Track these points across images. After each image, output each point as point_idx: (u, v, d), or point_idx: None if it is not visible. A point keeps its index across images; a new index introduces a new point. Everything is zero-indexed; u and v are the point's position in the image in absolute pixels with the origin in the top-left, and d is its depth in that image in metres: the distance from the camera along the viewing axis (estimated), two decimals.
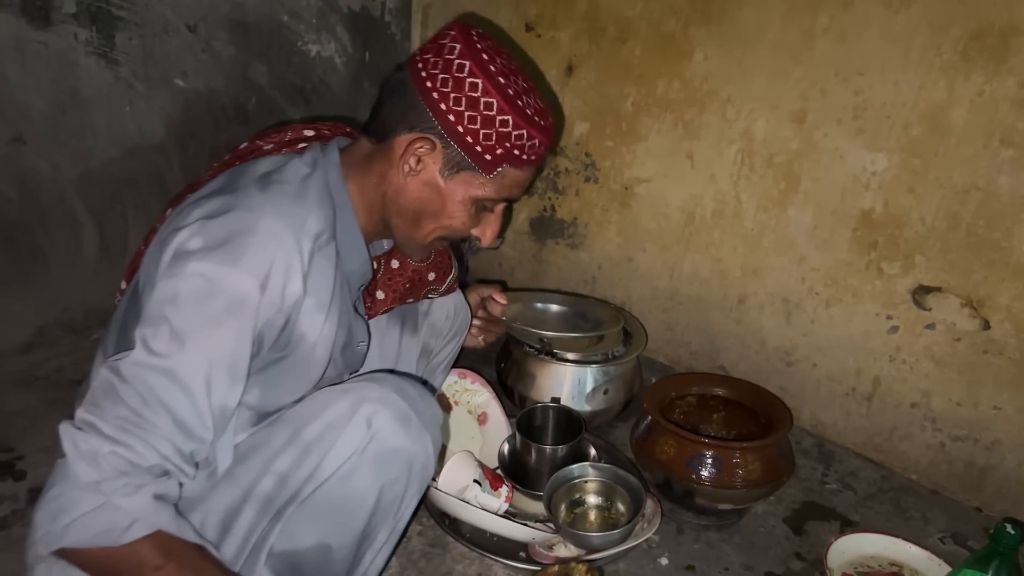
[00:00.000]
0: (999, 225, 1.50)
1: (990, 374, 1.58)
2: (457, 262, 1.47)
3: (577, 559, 1.33)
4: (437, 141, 1.06)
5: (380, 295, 1.29)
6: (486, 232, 1.20)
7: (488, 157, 1.08)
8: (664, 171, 1.97)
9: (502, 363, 1.83)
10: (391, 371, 1.25)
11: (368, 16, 2.18)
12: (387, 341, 1.37)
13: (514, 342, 1.77)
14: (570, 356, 1.73)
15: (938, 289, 1.60)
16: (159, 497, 0.90)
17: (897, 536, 1.49)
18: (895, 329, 1.68)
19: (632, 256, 2.10)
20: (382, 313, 1.31)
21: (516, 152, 1.09)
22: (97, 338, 1.88)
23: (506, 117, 1.06)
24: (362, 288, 1.22)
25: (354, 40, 2.15)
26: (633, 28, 1.92)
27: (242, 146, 1.18)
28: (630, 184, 2.04)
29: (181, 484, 0.94)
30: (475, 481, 1.42)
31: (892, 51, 1.55)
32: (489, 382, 1.70)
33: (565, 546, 1.39)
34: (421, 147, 1.06)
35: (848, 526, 1.57)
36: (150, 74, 1.78)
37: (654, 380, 1.98)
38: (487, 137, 1.06)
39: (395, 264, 1.30)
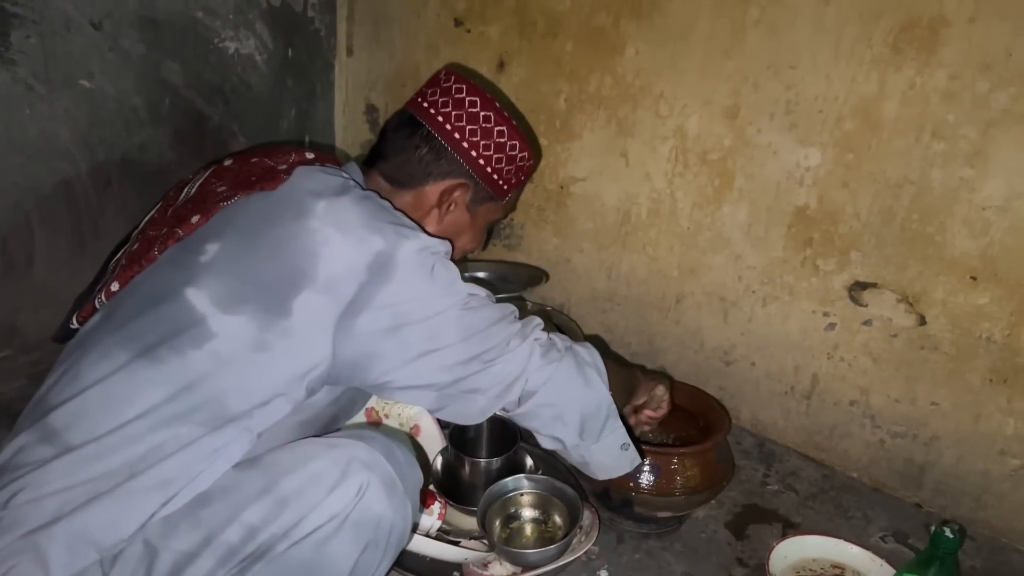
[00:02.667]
0: (932, 219, 1.49)
1: (927, 370, 1.57)
2: None
3: None
4: (469, 183, 1.21)
5: None
6: (480, 244, 1.35)
7: (506, 187, 1.26)
8: (599, 169, 1.92)
9: None
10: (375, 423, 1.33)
11: (289, 11, 2.09)
12: None
13: None
14: None
15: (874, 285, 1.59)
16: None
17: (838, 537, 1.47)
18: (832, 326, 1.66)
19: (570, 257, 2.05)
20: None
21: (523, 177, 1.29)
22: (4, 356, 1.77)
23: (524, 153, 1.24)
24: None
25: (275, 36, 2.06)
26: (563, 22, 1.87)
27: (228, 163, 1.15)
28: (565, 183, 1.99)
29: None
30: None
31: (823, 43, 1.52)
32: None
33: (500, 564, 1.33)
34: (457, 193, 1.21)
35: (790, 528, 1.55)
36: (52, 75, 1.67)
37: None
38: (509, 172, 1.24)
39: None
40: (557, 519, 1.40)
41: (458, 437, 1.48)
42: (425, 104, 1.21)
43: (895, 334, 1.59)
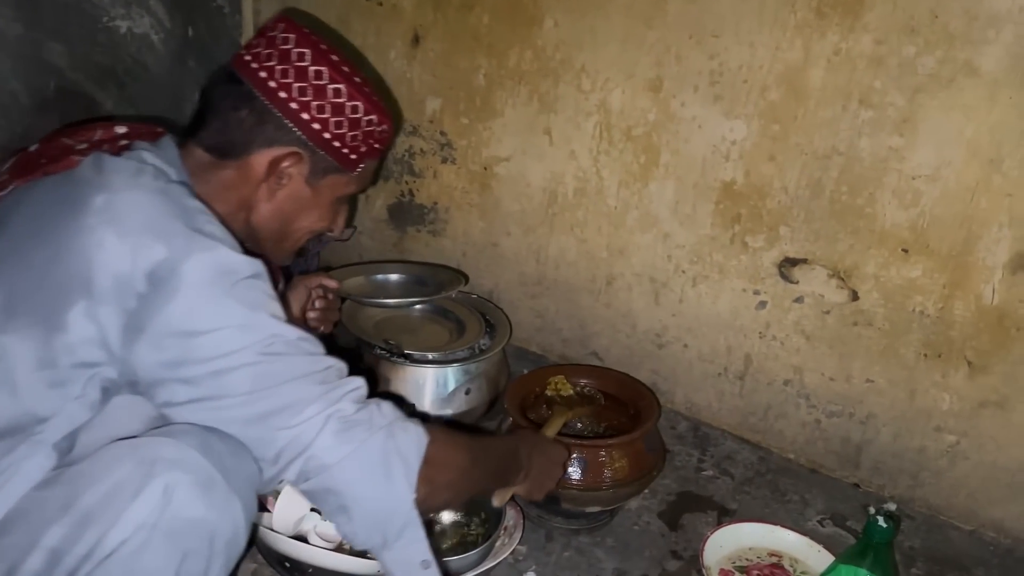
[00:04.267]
0: (862, 191, 1.44)
1: (860, 346, 1.53)
2: (283, 270, 1.31)
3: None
4: (303, 151, 1.03)
5: None
6: (339, 223, 1.18)
7: (353, 156, 1.07)
8: (523, 148, 1.83)
9: (354, 368, 1.66)
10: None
11: None
12: None
13: (364, 345, 1.61)
14: (428, 356, 1.58)
15: (804, 261, 1.53)
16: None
17: (775, 523, 1.43)
18: (763, 305, 1.60)
19: (497, 241, 1.97)
20: None
21: (376, 145, 1.10)
22: None
23: (371, 117, 1.06)
24: None
25: (172, 15, 1.92)
26: None
27: (33, 148, 1.01)
28: (489, 164, 1.90)
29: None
30: (313, 510, 1.26)
31: (746, 10, 1.45)
32: None
33: None
34: (287, 163, 1.03)
35: (726, 515, 1.50)
36: None
37: (525, 372, 1.87)
38: (353, 138, 1.05)
39: None
40: (479, 521, 1.32)
41: None
42: (248, 58, 1.02)
43: (827, 311, 1.54)
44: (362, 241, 2.23)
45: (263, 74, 0.99)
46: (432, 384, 1.57)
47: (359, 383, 0.96)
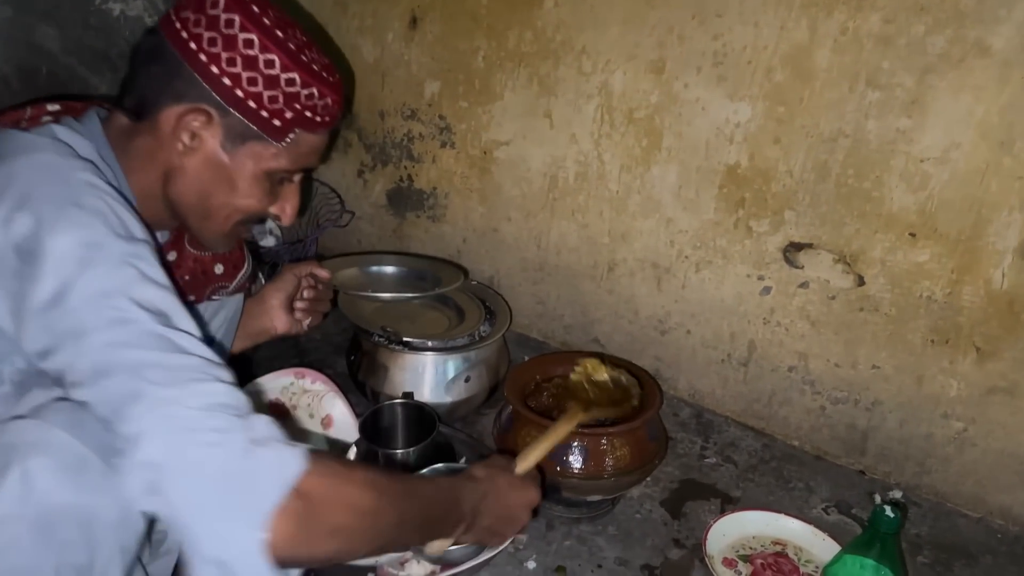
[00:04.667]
0: (869, 174, 1.40)
1: (867, 332, 1.50)
2: (251, 255, 1.27)
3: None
4: (213, 111, 0.93)
5: None
6: (285, 208, 1.06)
7: (277, 123, 0.95)
8: (523, 132, 1.80)
9: (352, 356, 1.65)
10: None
11: None
12: None
13: (362, 332, 1.59)
14: (427, 343, 1.56)
15: (810, 245, 1.50)
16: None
17: (779, 511, 1.41)
18: (768, 290, 1.58)
19: (497, 226, 1.94)
20: None
21: (308, 114, 0.97)
22: None
23: (292, 75, 0.93)
24: None
25: None
26: None
27: None
28: (489, 148, 1.87)
29: None
30: None
31: None
32: (340, 377, 1.52)
33: (418, 563, 1.23)
34: (194, 120, 0.92)
35: (729, 503, 1.48)
36: None
37: (526, 359, 1.85)
38: (272, 100, 0.93)
39: (171, 256, 1.09)
40: None
41: (371, 427, 1.37)
42: (171, 13, 0.94)
43: (833, 296, 1.51)
44: (361, 227, 2.21)
45: (177, 24, 0.92)
46: (431, 372, 1.55)
47: (230, 391, 0.78)
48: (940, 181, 1.34)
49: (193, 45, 0.90)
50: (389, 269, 1.76)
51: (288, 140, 0.97)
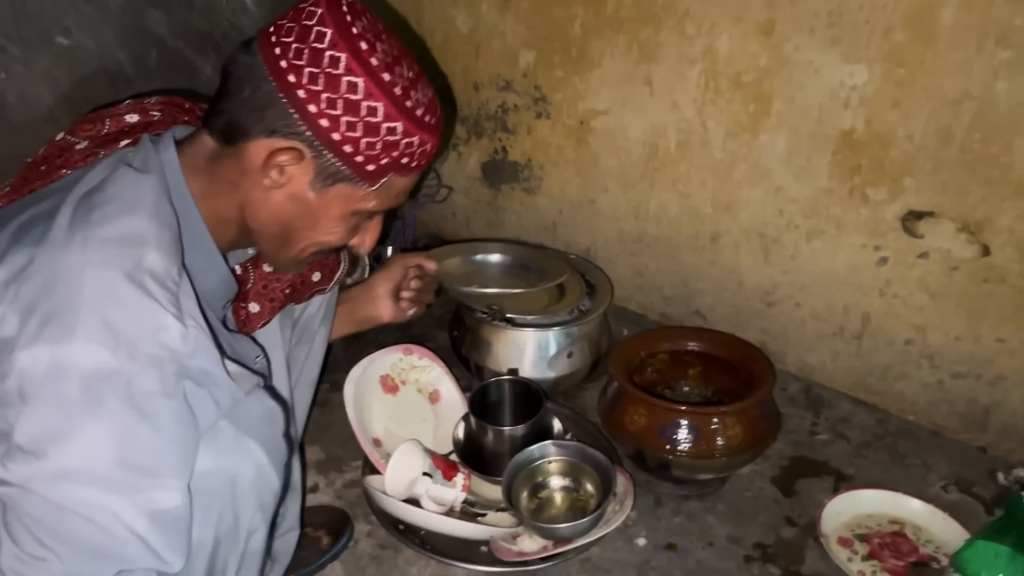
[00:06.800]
0: (997, 138, 1.32)
1: (992, 304, 1.43)
2: (347, 256, 1.27)
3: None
4: (306, 150, 0.86)
5: (254, 307, 1.09)
6: (364, 241, 1.03)
7: (371, 168, 0.89)
8: (621, 100, 1.76)
9: (455, 331, 1.66)
10: None
11: None
12: (277, 351, 1.17)
13: (465, 308, 1.59)
14: (529, 319, 1.56)
15: (930, 214, 1.43)
16: None
17: (896, 490, 1.37)
18: (884, 260, 1.51)
19: (594, 198, 1.91)
20: (261, 327, 1.11)
21: (405, 160, 0.91)
22: None
23: (394, 124, 0.87)
24: (229, 303, 1.04)
25: None
26: None
27: (57, 138, 0.99)
28: (585, 118, 1.84)
29: None
30: (425, 474, 1.27)
31: None
32: (443, 351, 1.53)
33: (531, 538, 1.25)
34: (285, 158, 0.86)
35: (842, 481, 1.44)
36: (24, 33, 1.55)
37: (625, 332, 1.83)
38: (370, 146, 0.87)
39: (268, 268, 1.11)
40: (589, 487, 1.31)
41: (479, 403, 1.39)
42: (271, 30, 0.86)
43: (955, 267, 1.44)
44: (456, 200, 2.21)
45: (277, 50, 0.84)
46: (534, 347, 1.55)
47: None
48: None
49: (292, 78, 0.83)
50: (494, 258, 1.74)
51: (380, 184, 0.92)
